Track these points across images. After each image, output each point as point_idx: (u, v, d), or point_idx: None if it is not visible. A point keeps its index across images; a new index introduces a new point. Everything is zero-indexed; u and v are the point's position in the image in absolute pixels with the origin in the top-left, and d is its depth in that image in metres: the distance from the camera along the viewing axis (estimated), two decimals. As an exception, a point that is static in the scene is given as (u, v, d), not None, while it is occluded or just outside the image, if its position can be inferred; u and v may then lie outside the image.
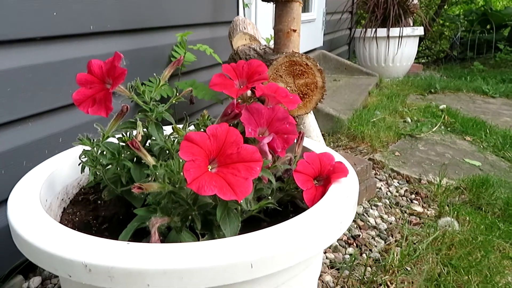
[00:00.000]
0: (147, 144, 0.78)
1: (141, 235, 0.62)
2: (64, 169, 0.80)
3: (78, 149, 0.71)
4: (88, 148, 0.68)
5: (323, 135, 1.96)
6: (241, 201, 0.58)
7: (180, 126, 0.86)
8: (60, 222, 0.75)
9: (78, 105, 0.67)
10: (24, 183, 0.69)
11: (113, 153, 0.68)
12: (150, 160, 0.64)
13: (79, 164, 0.69)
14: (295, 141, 0.78)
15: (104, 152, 0.68)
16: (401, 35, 3.68)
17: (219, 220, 0.58)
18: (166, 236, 0.61)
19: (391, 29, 3.67)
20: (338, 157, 0.78)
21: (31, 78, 1.00)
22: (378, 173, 1.69)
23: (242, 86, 0.75)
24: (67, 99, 1.10)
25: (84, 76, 0.69)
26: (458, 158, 1.91)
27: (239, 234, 0.56)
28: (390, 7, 3.65)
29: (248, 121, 0.69)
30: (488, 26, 6.35)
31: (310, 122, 1.20)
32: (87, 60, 0.69)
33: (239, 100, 0.75)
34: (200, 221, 0.60)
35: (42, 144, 1.06)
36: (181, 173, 0.57)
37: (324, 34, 3.81)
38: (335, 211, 0.61)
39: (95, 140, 0.68)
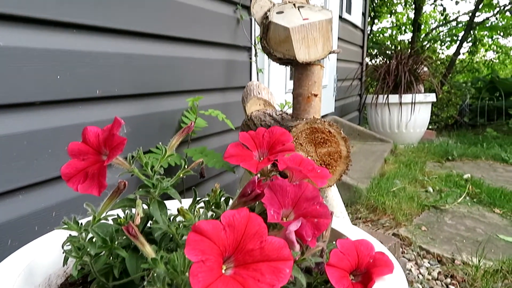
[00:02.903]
0: (149, 224, 0.66)
1: None
2: (48, 255, 0.67)
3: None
4: (75, 233, 0.56)
5: (341, 206, 1.81)
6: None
7: (187, 201, 0.74)
8: (37, 324, 0.60)
9: (67, 181, 0.56)
10: (-6, 276, 0.56)
11: (104, 239, 0.55)
12: (148, 251, 0.51)
13: (63, 253, 0.57)
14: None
15: (94, 239, 0.55)
16: (414, 101, 3.64)
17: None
18: None
19: (403, 95, 3.65)
20: (377, 244, 0.64)
21: (26, 146, 0.90)
22: (405, 251, 1.52)
23: (262, 158, 0.64)
24: (64, 168, 0.99)
25: (77, 146, 0.58)
26: (491, 233, 1.74)
27: None
28: (401, 74, 3.65)
29: (270, 201, 0.57)
30: (497, 94, 6.38)
31: (333, 196, 1.08)
32: (91, 125, 0.59)
33: (258, 175, 0.64)
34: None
35: (32, 219, 0.94)
36: (187, 273, 0.44)
37: (335, 100, 3.79)
38: (386, 325, 0.46)
39: (83, 225, 0.55)
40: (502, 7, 7.84)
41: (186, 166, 0.67)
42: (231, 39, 1.79)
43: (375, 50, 7.65)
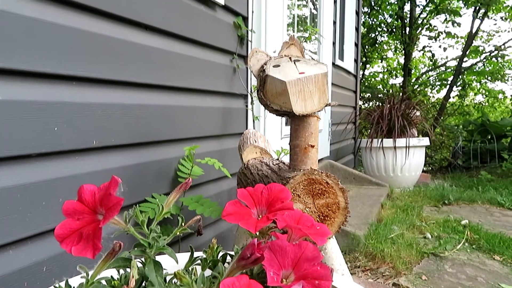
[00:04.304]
0: (143, 284, 0.64)
1: None
2: (36, 318, 0.64)
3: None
4: (66, 297, 0.54)
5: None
6: None
7: (183, 256, 0.72)
8: None
9: (61, 242, 0.55)
10: None
11: (97, 304, 0.53)
12: (143, 318, 0.49)
13: (52, 318, 0.54)
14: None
15: (86, 304, 0.53)
16: (408, 145, 3.68)
17: None
18: None
19: (397, 139, 3.69)
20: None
21: (19, 199, 0.89)
22: (407, 303, 1.47)
23: (261, 215, 0.63)
24: (57, 221, 0.97)
25: (73, 205, 0.57)
26: (493, 282, 1.70)
27: None
28: (394, 118, 3.71)
29: (270, 262, 0.55)
30: (488, 136, 6.47)
31: (332, 248, 1.06)
32: (86, 176, 0.59)
33: (257, 234, 0.62)
34: None
35: (22, 275, 0.90)
36: None
37: (330, 144, 3.82)
38: None
39: (76, 288, 0.53)
40: (489, 53, 8.13)
41: (183, 224, 0.65)
42: (227, 87, 1.82)
43: (368, 94, 7.83)
